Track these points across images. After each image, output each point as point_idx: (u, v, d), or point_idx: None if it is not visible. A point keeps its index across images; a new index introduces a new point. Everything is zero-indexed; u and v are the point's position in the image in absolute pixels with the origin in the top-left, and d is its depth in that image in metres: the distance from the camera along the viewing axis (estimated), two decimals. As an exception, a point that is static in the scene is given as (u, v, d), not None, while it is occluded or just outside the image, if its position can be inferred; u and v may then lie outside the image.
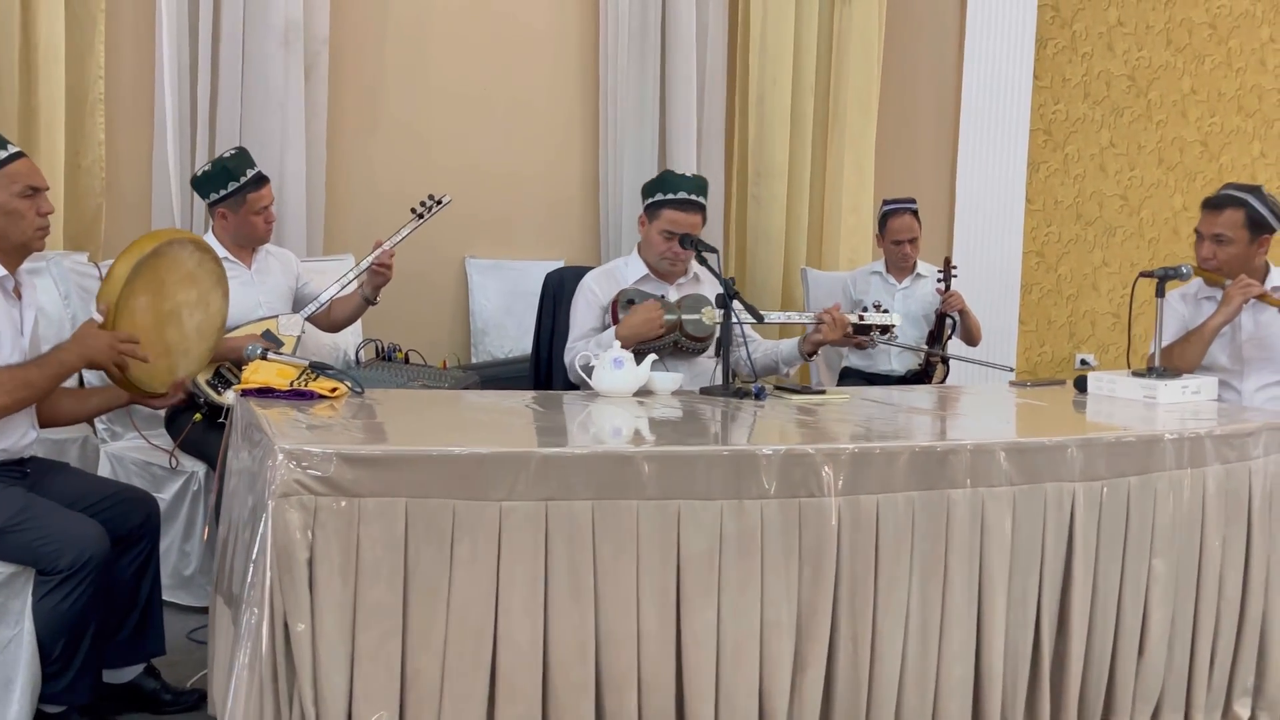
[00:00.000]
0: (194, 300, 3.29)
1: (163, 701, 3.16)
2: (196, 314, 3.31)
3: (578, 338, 3.88)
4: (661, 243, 3.88)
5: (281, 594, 2.30)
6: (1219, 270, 3.81)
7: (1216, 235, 3.81)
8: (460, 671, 2.40)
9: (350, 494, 2.34)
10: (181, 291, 3.25)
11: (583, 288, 3.96)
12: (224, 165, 3.99)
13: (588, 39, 5.41)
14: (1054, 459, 2.81)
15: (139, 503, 3.13)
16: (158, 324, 3.17)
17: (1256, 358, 3.85)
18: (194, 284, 3.29)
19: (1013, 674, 2.81)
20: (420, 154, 5.17)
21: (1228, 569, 3.09)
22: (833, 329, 3.78)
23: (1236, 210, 3.80)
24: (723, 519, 2.54)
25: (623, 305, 3.84)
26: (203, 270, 3.32)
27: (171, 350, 3.25)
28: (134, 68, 4.70)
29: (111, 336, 2.99)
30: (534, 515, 2.43)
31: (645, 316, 3.74)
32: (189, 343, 3.30)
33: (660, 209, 3.88)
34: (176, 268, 3.23)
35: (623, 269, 4.00)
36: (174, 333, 3.25)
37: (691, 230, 3.86)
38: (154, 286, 3.16)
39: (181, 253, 3.25)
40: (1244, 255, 3.80)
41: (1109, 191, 6.68)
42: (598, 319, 3.89)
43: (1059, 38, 6.49)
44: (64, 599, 2.78)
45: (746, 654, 2.56)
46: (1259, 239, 3.81)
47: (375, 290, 4.08)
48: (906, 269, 5.09)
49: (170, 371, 3.26)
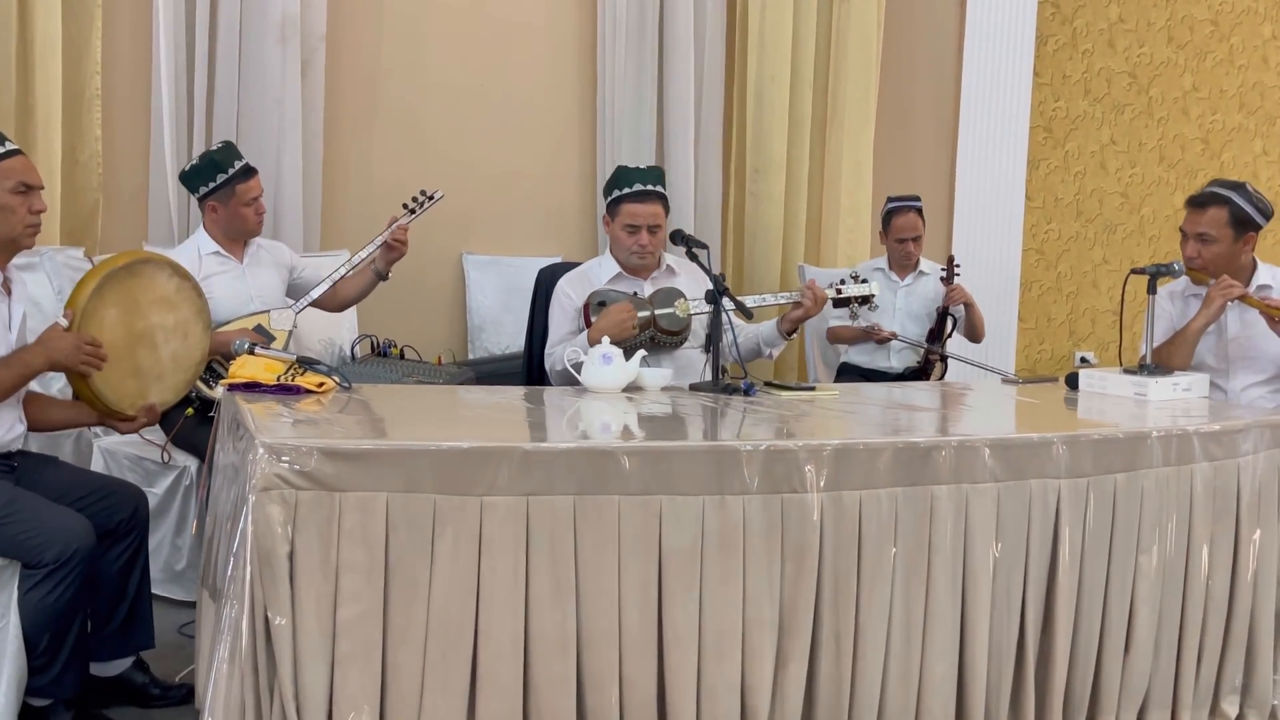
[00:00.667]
0: (170, 325, 3.20)
1: (151, 695, 3.17)
2: (173, 341, 3.21)
3: (555, 342, 3.87)
4: (626, 238, 3.87)
5: (262, 588, 2.31)
6: (1204, 269, 3.80)
7: (1200, 234, 3.79)
8: (441, 666, 2.41)
9: (331, 488, 2.35)
10: (156, 314, 3.16)
11: (558, 292, 3.95)
12: (211, 158, 4.00)
13: (585, 35, 5.41)
14: (1039, 455, 2.80)
15: (127, 496, 3.13)
16: (129, 342, 3.09)
17: (1241, 358, 3.85)
18: (171, 310, 3.19)
19: (997, 671, 2.81)
20: (417, 150, 5.18)
21: (1216, 567, 3.09)
22: (814, 305, 3.77)
23: (1220, 209, 3.78)
24: (704, 515, 2.54)
25: (594, 308, 3.81)
26: (182, 297, 3.22)
27: (143, 373, 3.16)
28: (131, 63, 4.71)
29: (77, 338, 2.94)
30: (515, 510, 2.44)
31: (617, 319, 3.71)
32: (163, 368, 3.20)
33: (619, 205, 3.88)
34: (151, 288, 3.15)
35: (596, 269, 3.99)
36: (146, 355, 3.16)
37: (653, 220, 3.84)
38: (126, 302, 3.09)
39: (159, 274, 3.18)
40: (1229, 254, 3.78)
41: (1109, 189, 6.67)
42: (573, 322, 3.88)
43: (1059, 34, 6.48)
44: (50, 592, 2.79)
45: (728, 650, 2.57)
46: (1244, 236, 3.79)
47: (388, 265, 4.10)
48: (909, 266, 5.09)
49: (141, 394, 3.17)
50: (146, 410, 3.17)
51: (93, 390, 3.05)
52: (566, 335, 3.86)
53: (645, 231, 3.84)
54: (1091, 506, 2.87)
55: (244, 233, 4.04)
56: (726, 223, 5.65)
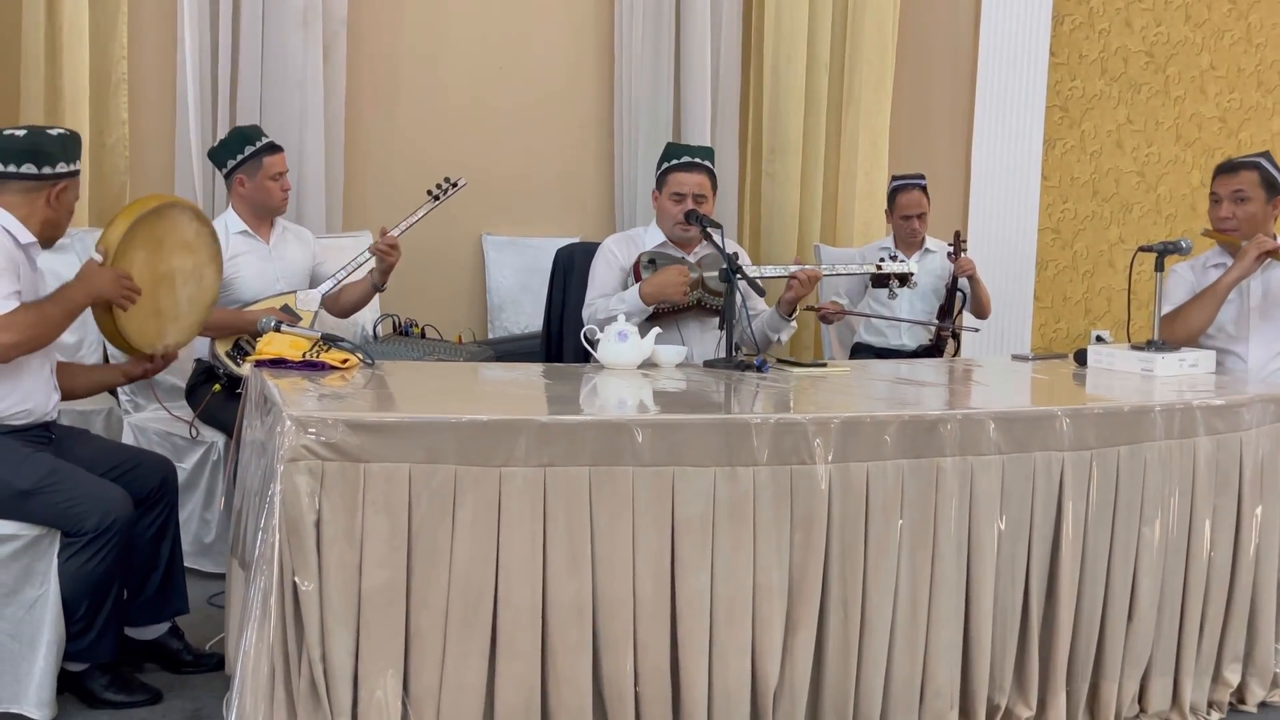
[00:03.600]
0: (189, 269, 3.32)
1: (183, 661, 3.27)
2: (190, 284, 3.33)
3: (596, 295, 3.94)
4: (672, 206, 3.94)
5: (290, 555, 2.40)
6: (1237, 231, 3.87)
7: (1236, 192, 3.89)
8: (462, 631, 2.50)
9: (356, 459, 2.44)
10: (177, 256, 3.29)
11: (603, 249, 4.04)
12: (240, 131, 4.11)
13: (603, 16, 5.47)
14: (1043, 428, 2.88)
15: (156, 466, 3.24)
16: (152, 283, 3.20)
17: (1262, 324, 3.90)
18: (190, 253, 3.32)
19: (1001, 638, 2.89)
20: (437, 132, 5.26)
21: (1218, 538, 3.15)
22: (804, 285, 3.82)
23: (1251, 171, 3.91)
24: (716, 485, 2.62)
25: (645, 266, 3.89)
26: (200, 241, 3.35)
27: (162, 313, 3.28)
28: (156, 49, 4.80)
29: (114, 271, 3.06)
30: (533, 480, 2.53)
31: (672, 278, 3.79)
32: (179, 309, 3.32)
33: (667, 175, 3.97)
34: (175, 231, 3.28)
35: (642, 235, 4.08)
36: (166, 296, 3.28)
37: (698, 189, 3.92)
38: (152, 244, 3.20)
39: (181, 218, 3.30)
40: (1262, 215, 3.90)
41: (1126, 168, 6.69)
42: (618, 280, 3.96)
43: (1076, 13, 6.49)
44: (89, 560, 2.90)
45: (739, 616, 2.65)
46: (1274, 199, 3.90)
47: (383, 275, 4.09)
48: (915, 244, 5.14)
49: (159, 334, 3.28)
50: (164, 355, 3.31)
51: (117, 326, 3.16)
52: (609, 290, 3.93)
53: (690, 199, 3.91)
54: (1095, 479, 2.94)
55: (270, 209, 4.11)
56: (744, 203, 5.70)
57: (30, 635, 2.91)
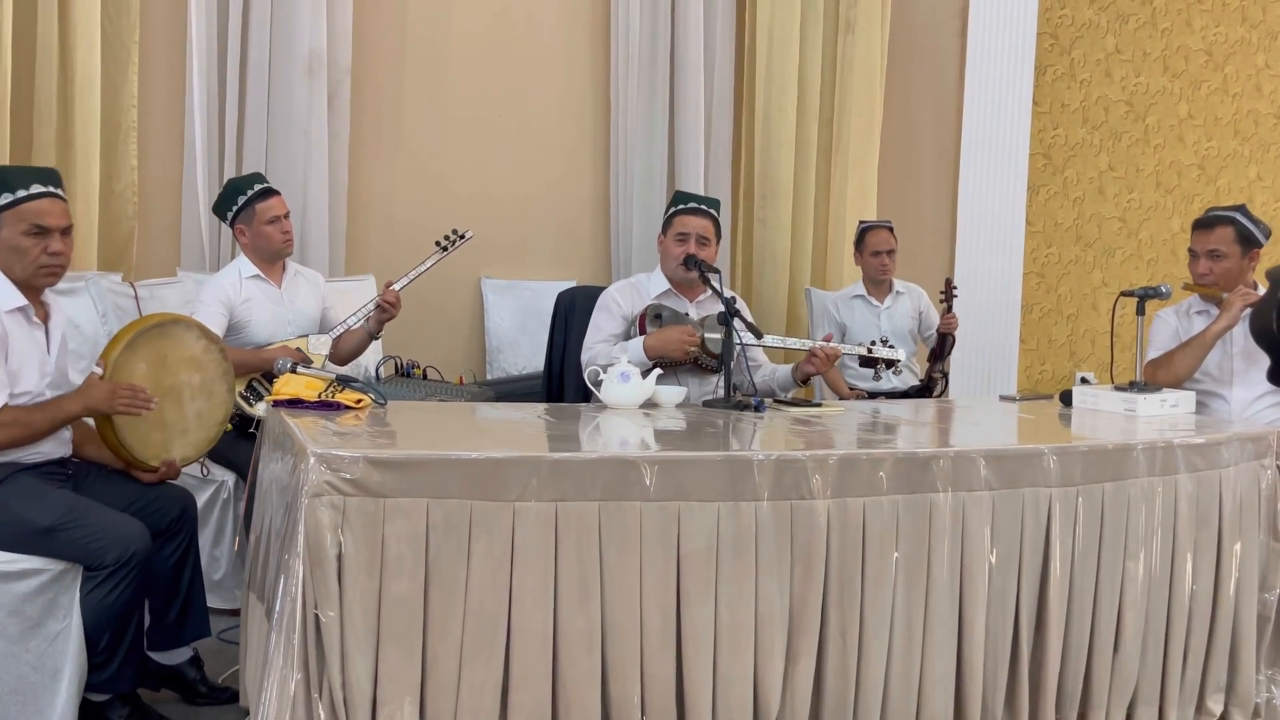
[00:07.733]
0: (196, 385, 3.36)
1: (199, 693, 3.35)
2: (199, 399, 3.37)
3: (597, 340, 4.02)
4: (676, 247, 4.03)
5: (313, 586, 2.50)
6: (1215, 285, 4.02)
7: (1212, 250, 4.04)
8: (476, 659, 2.60)
9: (376, 494, 2.54)
10: (184, 372, 3.33)
11: (607, 296, 4.11)
12: (232, 184, 4.24)
13: (599, 66, 5.63)
14: (1031, 466, 3.00)
15: (175, 497, 3.32)
16: (156, 395, 3.19)
17: (1246, 368, 4.05)
18: (198, 369, 3.35)
19: (993, 668, 2.99)
20: (437, 178, 5.39)
21: (1200, 572, 3.27)
22: (822, 364, 3.90)
23: (1226, 227, 4.05)
24: (720, 520, 2.73)
25: (651, 319, 3.98)
26: (209, 358, 3.38)
27: (168, 426, 3.31)
28: (165, 97, 4.93)
29: (111, 384, 3.11)
30: (545, 515, 2.63)
31: (678, 337, 3.87)
32: (187, 424, 3.36)
33: (673, 218, 4.07)
34: (180, 347, 3.32)
35: (645, 283, 4.16)
36: (172, 410, 3.31)
37: (703, 231, 4.01)
38: (154, 357, 3.25)
39: (187, 335, 3.35)
40: (1238, 269, 4.05)
41: (1108, 214, 6.85)
42: (619, 327, 4.04)
43: (1058, 64, 6.67)
44: (110, 593, 2.97)
45: (742, 646, 2.76)
46: (1249, 253, 4.05)
47: (379, 325, 4.22)
48: (885, 285, 5.28)
49: (164, 447, 3.31)
50: (167, 464, 3.33)
51: (119, 439, 3.21)
52: (609, 338, 4.01)
53: (694, 240, 4.00)
54: (1081, 514, 3.06)
55: (273, 253, 4.20)
56: (735, 247, 5.83)
57: (53, 667, 2.97)
